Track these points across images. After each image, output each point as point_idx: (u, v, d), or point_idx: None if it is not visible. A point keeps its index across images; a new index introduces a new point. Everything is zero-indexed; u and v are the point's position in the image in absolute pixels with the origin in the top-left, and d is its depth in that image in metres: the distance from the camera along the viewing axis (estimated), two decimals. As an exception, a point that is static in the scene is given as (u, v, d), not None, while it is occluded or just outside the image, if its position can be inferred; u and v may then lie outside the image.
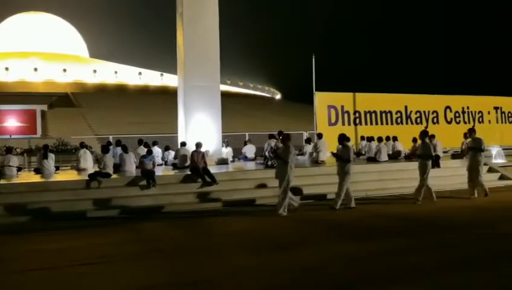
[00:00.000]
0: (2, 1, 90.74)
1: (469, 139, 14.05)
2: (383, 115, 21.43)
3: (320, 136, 17.41)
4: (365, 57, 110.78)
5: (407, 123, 21.63)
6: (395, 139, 18.30)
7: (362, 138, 19.72)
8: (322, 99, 20.26)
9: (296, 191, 12.49)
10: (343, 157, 11.82)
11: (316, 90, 20.15)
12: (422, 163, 12.53)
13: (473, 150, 13.36)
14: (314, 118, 19.98)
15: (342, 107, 20.59)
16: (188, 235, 9.57)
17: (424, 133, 12.94)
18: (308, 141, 19.18)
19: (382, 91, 22.90)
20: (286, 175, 10.95)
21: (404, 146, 18.34)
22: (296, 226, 10.15)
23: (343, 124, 20.47)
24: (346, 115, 20.64)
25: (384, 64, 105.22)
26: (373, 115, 21.22)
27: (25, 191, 11.90)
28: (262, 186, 13.36)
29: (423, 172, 12.48)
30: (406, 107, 21.78)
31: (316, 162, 16.43)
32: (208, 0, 17.14)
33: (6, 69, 60.89)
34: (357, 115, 20.83)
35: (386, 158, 16.66)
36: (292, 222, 10.45)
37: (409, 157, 17.40)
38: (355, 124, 20.75)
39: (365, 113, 21.08)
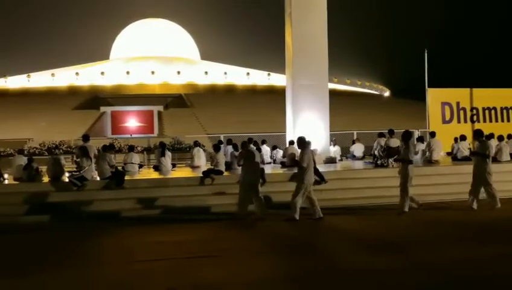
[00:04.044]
0: (125, 10, 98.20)
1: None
2: (504, 111, 20.02)
3: (433, 134, 16.66)
4: (482, 52, 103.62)
5: (532, 120, 19.98)
6: (517, 137, 16.94)
7: (480, 136, 18.50)
8: (435, 96, 19.43)
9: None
10: (297, 163, 10.70)
11: (428, 86, 19.35)
12: (403, 168, 11.03)
13: (478, 155, 11.57)
14: (427, 116, 19.21)
15: (458, 103, 19.59)
16: (301, 233, 9.72)
17: (406, 134, 11.25)
18: (421, 139, 18.43)
19: (502, 86, 21.39)
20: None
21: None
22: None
23: (459, 121, 19.47)
24: (462, 111, 19.62)
25: (504, 59, 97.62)
26: (492, 111, 19.92)
27: (147, 186, 12.78)
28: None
29: (404, 178, 10.97)
30: (531, 102, 20.13)
31: (429, 161, 15.75)
32: (316, -1, 17.15)
33: (128, 73, 65.69)
34: (474, 111, 19.69)
35: (508, 158, 15.47)
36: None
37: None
38: (472, 122, 19.61)
39: (483, 109, 19.86)
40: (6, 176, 14.02)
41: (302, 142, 10.88)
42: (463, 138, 16.81)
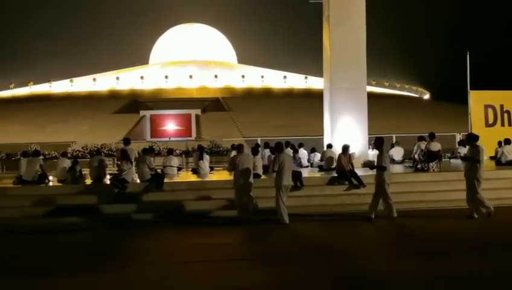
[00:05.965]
0: (162, 15, 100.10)
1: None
2: (551, 114, 19.25)
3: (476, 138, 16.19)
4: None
5: None
6: None
7: (526, 140, 17.88)
8: (477, 99, 18.91)
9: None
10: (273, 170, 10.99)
11: (470, 88, 18.87)
12: (378, 175, 10.76)
13: (468, 160, 10.95)
14: (469, 119, 18.72)
15: (501, 106, 18.98)
16: (337, 237, 9.67)
17: (379, 141, 10.85)
18: (463, 143, 17.98)
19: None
20: None
21: None
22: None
23: (503, 124, 18.87)
24: (506, 114, 18.99)
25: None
26: (539, 115, 19.20)
27: (185, 189, 13.00)
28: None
29: (380, 185, 10.68)
30: None
31: (471, 166, 15.32)
32: (354, 2, 17.00)
33: (166, 77, 66.82)
34: (519, 114, 19.01)
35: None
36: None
37: None
38: (517, 125, 18.95)
39: (529, 113, 19.15)
40: (51, 178, 14.49)
41: (277, 148, 11.30)
42: (507, 141, 16.31)
